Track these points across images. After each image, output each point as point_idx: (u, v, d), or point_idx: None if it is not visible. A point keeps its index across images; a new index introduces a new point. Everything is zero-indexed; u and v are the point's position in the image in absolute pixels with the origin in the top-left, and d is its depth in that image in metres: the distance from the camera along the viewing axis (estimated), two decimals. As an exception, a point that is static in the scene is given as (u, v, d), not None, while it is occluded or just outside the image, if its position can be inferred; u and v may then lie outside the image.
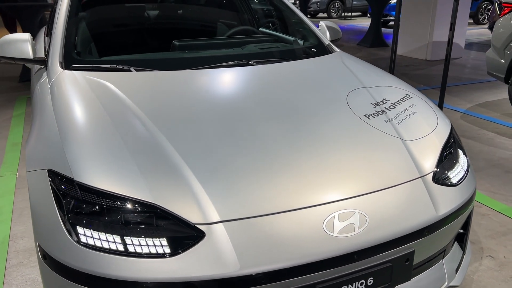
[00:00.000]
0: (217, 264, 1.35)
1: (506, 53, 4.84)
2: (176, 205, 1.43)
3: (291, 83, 2.18)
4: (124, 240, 1.38)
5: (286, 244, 1.42)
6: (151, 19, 3.14)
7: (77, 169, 1.49)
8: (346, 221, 1.49)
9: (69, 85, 1.98)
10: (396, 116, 1.97)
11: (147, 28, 3.11)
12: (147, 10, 3.09)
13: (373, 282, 1.55)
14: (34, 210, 1.54)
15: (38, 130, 1.82)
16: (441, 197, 1.70)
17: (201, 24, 3.28)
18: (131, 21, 3.07)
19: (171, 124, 1.74)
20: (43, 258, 1.49)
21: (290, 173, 1.58)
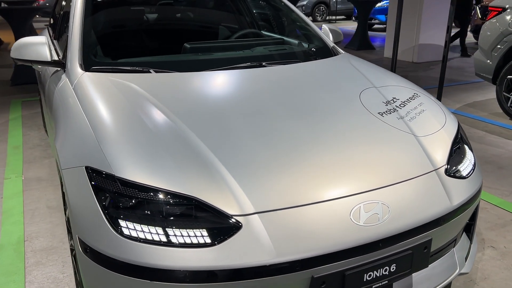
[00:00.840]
0: (255, 252, 1.43)
1: (493, 55, 5.04)
2: (213, 197, 1.50)
3: (305, 83, 2.28)
4: (166, 231, 1.45)
5: (317, 233, 1.51)
6: (161, 21, 3.20)
7: (117, 165, 1.55)
8: (371, 211, 1.59)
9: (94, 86, 2.04)
10: (407, 113, 2.08)
11: (158, 30, 3.18)
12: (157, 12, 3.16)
13: (395, 268, 1.65)
14: (73, 205, 1.60)
15: (68, 130, 1.87)
16: (454, 189, 1.81)
17: (208, 26, 3.36)
18: (141, 23, 3.13)
19: (199, 122, 1.82)
20: (84, 251, 1.55)
21: (315, 167, 1.67)
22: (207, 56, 2.51)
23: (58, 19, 3.33)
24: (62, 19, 3.16)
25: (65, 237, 2.65)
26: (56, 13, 3.97)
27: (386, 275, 1.63)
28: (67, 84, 2.20)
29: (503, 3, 5.10)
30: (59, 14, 3.43)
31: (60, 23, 3.18)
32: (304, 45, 2.89)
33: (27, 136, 4.44)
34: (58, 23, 3.19)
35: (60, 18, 3.20)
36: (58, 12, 3.66)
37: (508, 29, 4.84)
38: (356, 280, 1.57)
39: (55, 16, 3.82)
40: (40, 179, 3.44)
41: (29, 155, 3.94)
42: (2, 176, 3.51)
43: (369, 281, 1.60)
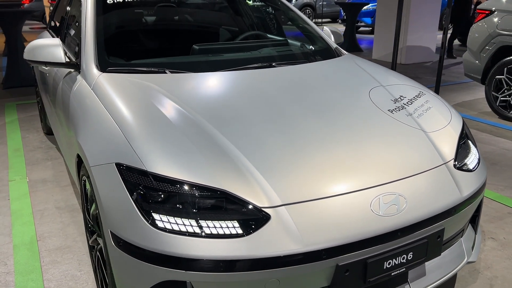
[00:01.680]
0: (284, 242, 1.51)
1: (482, 56, 5.21)
2: (242, 190, 1.58)
3: (316, 82, 2.37)
4: (199, 223, 1.52)
5: (340, 223, 1.59)
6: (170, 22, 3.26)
7: (148, 161, 1.61)
8: (389, 202, 1.68)
9: (115, 86, 2.09)
10: (415, 110, 2.18)
11: (167, 31, 3.24)
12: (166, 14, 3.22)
13: (412, 256, 1.74)
14: (105, 201, 1.65)
15: (93, 129, 1.92)
16: (463, 181, 1.91)
17: (214, 28, 3.43)
18: (150, 25, 3.19)
19: (220, 119, 1.89)
20: (117, 245, 1.60)
21: (335, 161, 1.76)
22: (220, 57, 2.59)
23: (63, 21, 3.35)
24: (68, 22, 3.20)
25: (78, 236, 2.68)
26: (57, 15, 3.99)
27: (404, 263, 1.72)
28: (84, 85, 2.24)
29: (490, 5, 5.28)
30: (63, 17, 3.45)
31: (66, 25, 3.21)
32: (309, 46, 2.98)
33: (26, 138, 4.44)
34: (64, 25, 3.21)
35: (66, 20, 3.23)
36: (61, 14, 3.69)
37: (496, 31, 5.01)
38: (377, 268, 1.65)
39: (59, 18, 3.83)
40: (45, 181, 3.46)
41: (31, 157, 3.94)
42: (6, 178, 3.52)
43: (389, 268, 1.69)
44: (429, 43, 8.90)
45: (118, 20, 2.88)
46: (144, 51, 2.77)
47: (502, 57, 5.00)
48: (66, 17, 3.30)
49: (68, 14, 3.24)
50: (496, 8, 5.14)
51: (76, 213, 2.97)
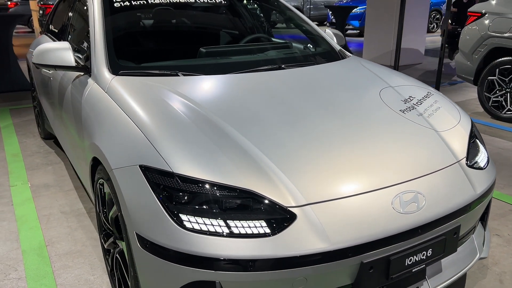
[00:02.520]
0: (311, 241, 1.53)
1: (474, 57, 5.31)
2: (268, 190, 1.59)
3: (327, 83, 2.40)
4: (227, 223, 1.53)
5: (364, 221, 1.61)
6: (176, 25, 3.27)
7: (174, 162, 1.62)
8: (409, 200, 1.71)
9: (130, 89, 2.09)
10: (425, 110, 2.23)
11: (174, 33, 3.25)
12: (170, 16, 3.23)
13: (431, 253, 1.77)
14: (130, 203, 1.65)
15: (112, 132, 1.92)
16: (475, 179, 1.96)
17: (219, 31, 3.45)
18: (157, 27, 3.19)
19: (239, 120, 1.91)
20: (144, 246, 1.60)
21: (354, 160, 1.79)
22: (231, 60, 2.60)
23: (66, 25, 3.34)
24: (71, 25, 3.18)
25: (87, 240, 2.66)
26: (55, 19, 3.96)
27: (424, 259, 1.76)
28: (97, 88, 2.24)
29: (480, 8, 5.39)
30: (65, 20, 3.43)
31: (69, 29, 3.20)
32: (315, 49, 3.01)
33: (24, 143, 4.39)
34: (67, 29, 3.20)
35: (69, 24, 3.21)
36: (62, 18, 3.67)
37: (488, 33, 5.12)
38: (399, 265, 1.68)
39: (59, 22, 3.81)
40: (48, 186, 3.43)
41: (30, 162, 3.90)
42: (7, 183, 3.48)
43: (410, 265, 1.72)
44: (418, 45, 9.04)
45: (125, 23, 2.88)
46: (151, 54, 2.77)
47: (494, 58, 5.11)
48: (68, 21, 3.28)
49: (71, 18, 3.22)
50: (487, 11, 5.25)
51: (83, 217, 2.95)
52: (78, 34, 3.06)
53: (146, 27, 3.09)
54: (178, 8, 3.09)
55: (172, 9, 3.09)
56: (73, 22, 3.18)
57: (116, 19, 2.65)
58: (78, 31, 3.10)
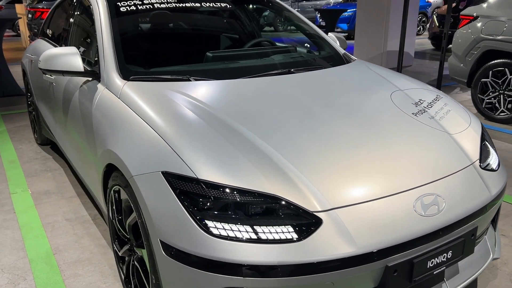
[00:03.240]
0: (339, 245, 1.53)
1: (467, 60, 5.39)
2: (293, 195, 1.59)
3: (339, 88, 2.41)
4: (254, 229, 1.52)
5: (388, 225, 1.62)
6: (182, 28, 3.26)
7: (198, 169, 1.61)
8: (430, 203, 1.73)
9: (145, 95, 2.08)
10: (436, 113, 2.25)
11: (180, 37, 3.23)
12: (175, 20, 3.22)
13: (451, 255, 1.79)
14: (153, 210, 1.64)
15: (130, 138, 1.89)
16: (489, 180, 1.98)
17: (224, 35, 3.44)
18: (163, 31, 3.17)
19: (257, 125, 1.90)
20: (169, 254, 1.58)
21: (374, 164, 1.80)
22: (241, 64, 2.60)
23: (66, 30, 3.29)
24: (74, 30, 3.14)
25: (94, 248, 2.63)
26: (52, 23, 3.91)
27: (444, 261, 1.77)
28: (108, 94, 2.21)
29: (472, 11, 5.48)
30: (66, 25, 3.39)
31: (71, 34, 3.15)
32: (321, 52, 3.02)
33: (20, 150, 4.32)
34: (70, 34, 3.15)
35: (71, 29, 3.17)
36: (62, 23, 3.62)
37: (480, 36, 5.20)
38: (422, 267, 1.70)
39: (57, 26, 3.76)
40: (49, 193, 3.37)
41: (29, 169, 3.84)
42: (7, 191, 3.42)
43: (432, 267, 1.73)
44: (408, 48, 9.12)
45: (131, 28, 2.85)
46: (158, 58, 2.75)
47: (487, 61, 5.19)
48: (69, 25, 3.23)
49: (72, 23, 3.18)
50: (479, 14, 5.34)
51: (88, 224, 2.91)
52: (81, 39, 3.03)
53: (152, 31, 3.07)
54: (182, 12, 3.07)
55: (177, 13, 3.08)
56: (75, 27, 3.14)
57: (123, 24, 2.63)
58: (81, 36, 3.07)
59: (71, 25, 3.17)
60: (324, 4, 17.97)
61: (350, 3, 14.75)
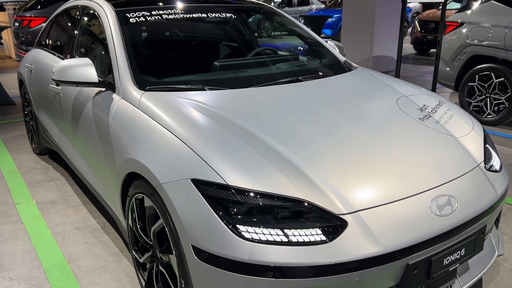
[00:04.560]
0: (364, 246, 1.61)
1: (454, 65, 5.57)
2: (319, 199, 1.67)
3: (348, 95, 2.51)
4: (284, 232, 1.59)
5: (408, 225, 1.71)
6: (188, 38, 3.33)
7: (227, 175, 1.68)
8: (444, 203, 1.83)
9: (165, 105, 2.13)
10: (440, 118, 2.36)
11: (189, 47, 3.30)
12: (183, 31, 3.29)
13: (464, 252, 1.89)
14: (184, 216, 1.69)
15: (155, 147, 1.94)
16: (494, 181, 2.10)
17: (229, 44, 3.52)
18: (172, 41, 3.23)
19: (276, 131, 1.98)
20: (201, 258, 1.64)
21: (390, 167, 1.89)
22: (252, 73, 2.68)
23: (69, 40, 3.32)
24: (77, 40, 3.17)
25: (108, 256, 2.66)
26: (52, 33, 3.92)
27: (458, 258, 1.87)
28: (126, 105, 2.26)
29: (457, 18, 5.67)
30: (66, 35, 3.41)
31: (75, 44, 3.18)
32: (323, 60, 3.12)
33: (18, 160, 4.30)
34: (76, 44, 3.18)
35: (76, 39, 3.20)
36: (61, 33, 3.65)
37: (466, 42, 5.39)
38: (439, 264, 1.79)
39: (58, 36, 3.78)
40: (54, 202, 3.38)
41: (30, 179, 3.83)
42: (11, 201, 3.41)
43: (447, 264, 1.83)
44: (393, 53, 9.34)
45: (141, 38, 2.90)
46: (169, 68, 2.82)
47: (473, 65, 5.38)
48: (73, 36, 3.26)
49: (76, 33, 3.21)
50: (464, 21, 5.53)
51: (98, 233, 2.93)
52: (89, 50, 3.06)
53: (160, 41, 3.12)
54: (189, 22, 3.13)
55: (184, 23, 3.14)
56: (81, 37, 3.17)
57: (133, 35, 2.68)
58: (88, 47, 3.10)
59: (76, 35, 3.20)
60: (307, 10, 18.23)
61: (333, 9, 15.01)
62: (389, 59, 9.24)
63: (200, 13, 3.06)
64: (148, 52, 2.89)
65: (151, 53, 2.93)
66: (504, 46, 4.97)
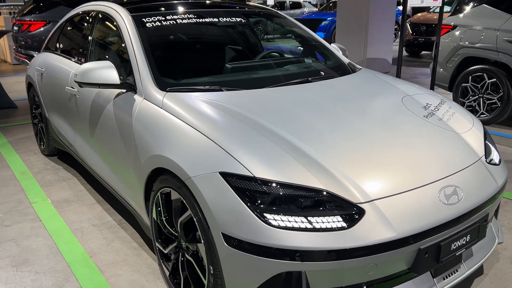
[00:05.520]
0: (381, 232, 1.76)
1: (448, 66, 5.77)
2: (338, 189, 1.82)
3: (356, 94, 2.66)
4: (308, 219, 1.74)
5: (420, 213, 1.87)
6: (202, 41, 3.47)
7: (254, 168, 1.82)
8: (451, 193, 1.99)
9: (187, 104, 2.27)
10: (443, 115, 2.52)
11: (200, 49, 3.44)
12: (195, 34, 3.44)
13: (469, 238, 2.05)
14: (214, 207, 1.82)
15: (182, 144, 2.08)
16: (495, 173, 2.26)
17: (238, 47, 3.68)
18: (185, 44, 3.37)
19: (294, 128, 2.12)
20: (231, 244, 1.78)
21: (401, 160, 2.05)
22: (265, 74, 2.83)
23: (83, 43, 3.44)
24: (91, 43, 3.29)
25: (128, 250, 2.78)
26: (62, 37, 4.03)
27: (464, 244, 2.03)
28: (149, 105, 2.39)
29: (450, 21, 5.88)
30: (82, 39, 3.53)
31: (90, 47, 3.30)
32: (327, 62, 3.27)
33: (28, 161, 4.40)
34: (90, 48, 3.30)
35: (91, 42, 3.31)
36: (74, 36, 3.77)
37: (460, 44, 5.59)
38: (447, 249, 1.95)
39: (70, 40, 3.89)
40: (69, 201, 3.49)
41: (42, 179, 3.93)
42: (27, 200, 3.51)
43: (454, 249, 1.99)
44: (386, 55, 9.56)
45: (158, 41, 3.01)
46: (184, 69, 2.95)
47: (466, 67, 5.58)
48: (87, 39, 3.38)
49: (91, 37, 3.33)
50: (457, 24, 5.73)
51: (115, 229, 3.05)
52: (105, 53, 3.18)
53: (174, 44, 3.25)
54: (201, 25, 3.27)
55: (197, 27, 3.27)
56: (95, 41, 3.29)
57: (150, 38, 2.80)
58: (104, 50, 3.22)
59: (91, 39, 3.32)
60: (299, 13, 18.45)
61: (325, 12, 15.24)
62: (382, 61, 9.45)
63: (211, 17, 3.20)
64: (163, 55, 3.02)
65: (167, 55, 3.06)
66: (496, 48, 5.17)
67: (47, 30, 7.50)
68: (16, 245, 2.87)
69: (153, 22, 2.90)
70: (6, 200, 3.52)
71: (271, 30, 14.99)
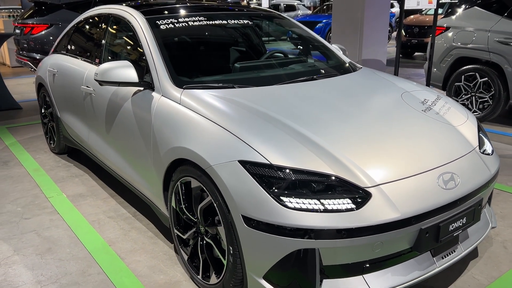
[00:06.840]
0: (387, 213, 1.94)
1: (441, 66, 5.99)
2: (347, 175, 2.00)
3: (359, 91, 2.86)
4: (320, 201, 1.92)
5: (421, 196, 2.06)
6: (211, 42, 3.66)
7: (270, 156, 2.00)
8: (448, 179, 2.18)
9: (204, 100, 2.44)
10: (440, 110, 2.72)
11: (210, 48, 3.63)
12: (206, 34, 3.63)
13: (465, 221, 2.24)
14: (234, 191, 2.00)
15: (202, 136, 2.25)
16: (488, 162, 2.46)
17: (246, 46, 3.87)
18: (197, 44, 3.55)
19: (304, 121, 2.31)
20: (250, 225, 1.96)
21: (403, 149, 2.24)
22: (273, 73, 3.02)
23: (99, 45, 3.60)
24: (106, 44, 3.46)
25: (145, 239, 2.95)
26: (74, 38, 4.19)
27: (461, 226, 2.22)
28: (168, 101, 2.56)
29: (443, 23, 6.10)
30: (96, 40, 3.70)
31: (105, 48, 3.47)
32: (329, 62, 3.47)
33: (39, 159, 4.55)
34: (105, 48, 3.47)
35: (105, 43, 3.48)
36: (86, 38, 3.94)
37: (452, 45, 5.81)
38: (446, 230, 2.14)
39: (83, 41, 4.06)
40: (83, 195, 3.65)
41: (55, 176, 4.09)
42: (42, 195, 3.67)
43: (452, 230, 2.18)
44: (381, 56, 9.78)
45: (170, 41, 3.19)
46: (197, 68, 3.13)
47: (459, 66, 5.80)
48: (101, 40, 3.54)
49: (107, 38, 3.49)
50: (450, 25, 5.96)
51: (131, 220, 3.22)
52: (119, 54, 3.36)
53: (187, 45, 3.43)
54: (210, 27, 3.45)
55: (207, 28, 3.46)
56: (109, 42, 3.46)
57: (164, 39, 2.98)
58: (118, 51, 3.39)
59: (105, 41, 3.48)
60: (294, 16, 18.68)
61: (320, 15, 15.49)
62: (377, 62, 9.66)
63: (219, 20, 3.38)
64: (177, 55, 3.19)
65: (180, 55, 3.23)
66: (487, 48, 5.40)
67: (49, 33, 7.64)
68: (37, 235, 3.03)
69: (166, 24, 3.08)
70: (23, 195, 3.67)
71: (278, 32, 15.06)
